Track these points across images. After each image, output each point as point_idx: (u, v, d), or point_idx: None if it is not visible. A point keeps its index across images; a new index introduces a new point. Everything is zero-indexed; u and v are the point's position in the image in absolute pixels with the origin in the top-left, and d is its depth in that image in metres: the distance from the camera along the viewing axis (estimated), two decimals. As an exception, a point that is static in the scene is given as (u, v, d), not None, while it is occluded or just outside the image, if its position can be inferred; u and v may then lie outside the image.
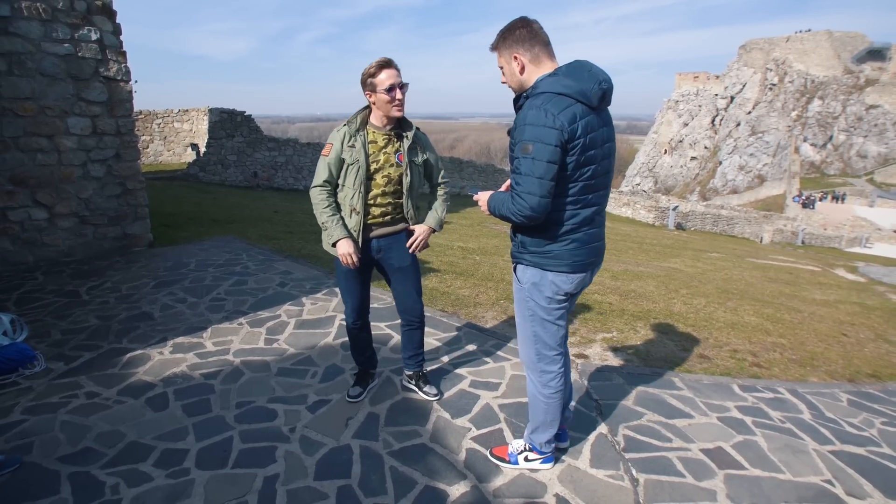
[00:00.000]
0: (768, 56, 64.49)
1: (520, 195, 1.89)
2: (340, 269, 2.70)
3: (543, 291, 2.11)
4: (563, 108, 1.83)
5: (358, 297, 2.80)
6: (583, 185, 1.96)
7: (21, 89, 5.16)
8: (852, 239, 30.13)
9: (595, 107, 1.89)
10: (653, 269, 8.77)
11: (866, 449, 2.79)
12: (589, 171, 1.94)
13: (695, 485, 2.38)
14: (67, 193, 5.61)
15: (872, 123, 52.43)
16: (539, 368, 2.25)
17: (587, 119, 1.87)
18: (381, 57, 2.48)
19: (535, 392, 2.29)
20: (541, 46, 1.94)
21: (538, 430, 2.35)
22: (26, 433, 2.59)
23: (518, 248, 2.15)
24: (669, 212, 25.13)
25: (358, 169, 2.52)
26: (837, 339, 5.05)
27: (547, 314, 2.15)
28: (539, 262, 2.08)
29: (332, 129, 2.60)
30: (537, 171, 1.84)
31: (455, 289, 5.26)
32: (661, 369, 3.62)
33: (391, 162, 2.58)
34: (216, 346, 3.64)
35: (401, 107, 2.51)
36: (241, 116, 18.60)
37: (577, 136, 1.85)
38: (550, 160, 1.83)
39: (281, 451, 2.49)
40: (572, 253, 2.04)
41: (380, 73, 2.43)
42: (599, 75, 1.89)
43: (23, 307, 4.23)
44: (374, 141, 2.56)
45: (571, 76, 1.87)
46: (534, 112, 1.84)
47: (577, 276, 2.10)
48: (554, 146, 1.82)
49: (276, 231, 8.10)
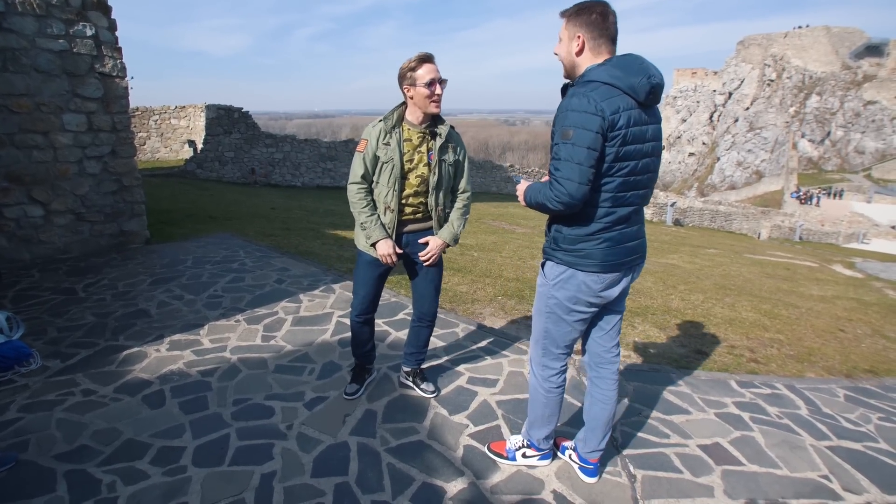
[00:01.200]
0: (766, 52, 64.49)
1: (558, 181, 1.85)
2: (364, 259, 2.71)
3: (570, 290, 2.05)
4: (609, 97, 1.80)
5: (372, 290, 2.79)
6: (621, 182, 1.90)
7: (15, 86, 5.12)
8: (849, 235, 30.20)
9: (642, 101, 1.85)
10: (650, 265, 8.77)
11: (863, 444, 2.80)
12: (628, 167, 1.89)
13: (692, 481, 2.38)
14: (63, 190, 5.58)
15: (870, 119, 52.50)
16: (542, 363, 2.25)
17: (631, 112, 1.83)
18: (420, 51, 2.45)
19: (536, 385, 2.29)
20: (606, 39, 1.89)
21: (535, 425, 2.34)
22: (22, 431, 2.58)
23: (550, 245, 2.10)
24: (667, 208, 25.15)
25: (392, 168, 2.51)
26: (835, 334, 5.06)
27: (566, 314, 2.10)
28: (570, 261, 2.03)
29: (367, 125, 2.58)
30: (577, 157, 1.80)
31: (453, 285, 5.25)
32: (658, 365, 3.62)
33: (424, 161, 2.57)
34: (213, 343, 3.63)
35: (438, 102, 2.49)
36: (239, 113, 18.54)
37: (619, 127, 1.80)
38: (591, 146, 1.79)
39: (278, 448, 2.49)
40: (604, 252, 1.98)
41: (420, 67, 2.40)
42: (650, 70, 1.85)
43: (19, 304, 4.21)
44: (409, 139, 2.54)
45: (621, 67, 1.83)
46: (577, 99, 1.81)
47: (610, 277, 2.02)
48: (595, 133, 1.78)
49: (273, 228, 8.08)
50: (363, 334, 2.94)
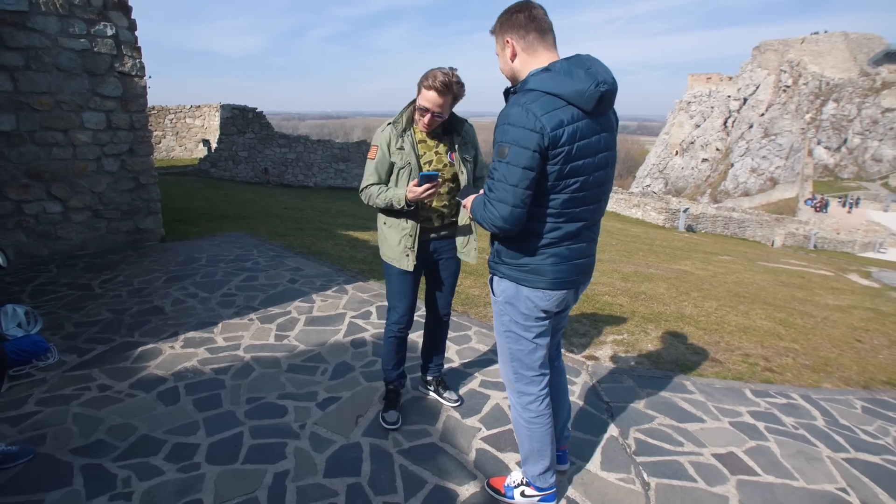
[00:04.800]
0: (783, 58, 63.84)
1: (491, 203, 1.73)
2: (392, 271, 2.57)
3: (518, 307, 1.91)
4: (550, 109, 1.63)
5: (410, 302, 2.66)
6: (568, 198, 1.75)
7: (38, 84, 5.21)
8: (866, 244, 29.76)
9: (590, 111, 1.68)
10: (663, 271, 8.71)
11: (881, 457, 2.75)
12: (576, 183, 1.73)
13: (707, 490, 2.36)
14: (81, 187, 5.66)
15: (888, 127, 51.69)
16: (517, 389, 2.06)
17: (577, 125, 1.66)
18: (446, 77, 2.24)
19: (517, 416, 2.09)
20: (537, 34, 1.73)
21: (529, 461, 2.13)
22: (40, 424, 2.61)
23: (494, 258, 1.96)
24: (680, 213, 24.98)
25: (410, 171, 2.39)
26: (851, 344, 4.98)
27: (524, 331, 1.95)
28: (514, 276, 1.88)
29: (377, 128, 2.48)
30: (511, 178, 1.66)
31: (465, 288, 5.24)
32: (672, 372, 3.59)
33: (444, 161, 2.46)
34: (227, 341, 3.66)
35: (425, 128, 2.40)
36: (253, 113, 18.71)
37: (561, 144, 1.65)
38: (527, 166, 1.64)
39: (291, 447, 2.50)
40: (553, 269, 1.83)
41: (427, 92, 2.26)
42: (599, 75, 1.66)
43: (37, 299, 4.28)
44: (423, 140, 2.45)
45: (566, 74, 1.66)
46: (516, 110, 1.65)
47: (557, 294, 1.87)
48: (532, 151, 1.63)
49: (286, 227, 8.13)
50: (400, 352, 2.78)
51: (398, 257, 2.51)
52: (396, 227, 2.50)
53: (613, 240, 13.86)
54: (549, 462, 2.10)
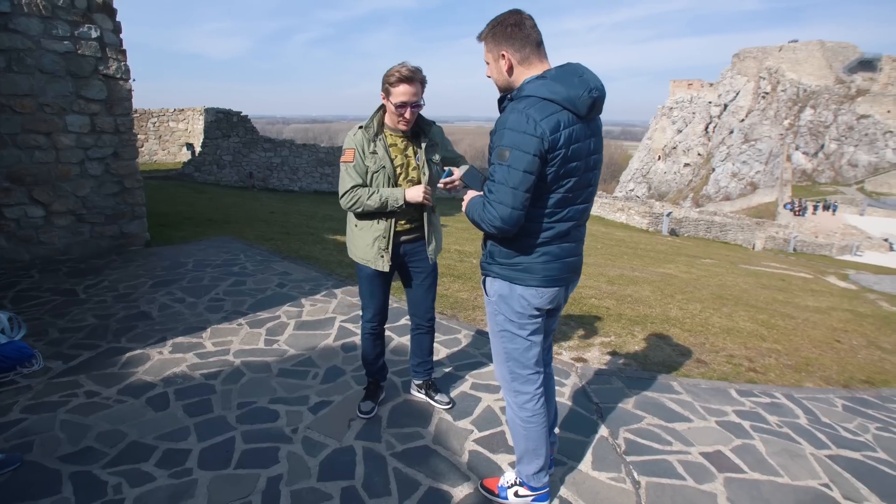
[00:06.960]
0: (761, 65, 65.15)
1: (491, 204, 1.77)
2: (364, 272, 2.63)
3: (512, 306, 1.96)
4: (547, 114, 1.69)
5: (381, 302, 2.73)
6: (560, 198, 1.82)
7: (20, 86, 5.13)
8: (843, 247, 30.41)
9: (583, 116, 1.76)
10: (648, 275, 8.82)
11: (862, 454, 2.83)
12: (569, 184, 1.80)
13: (696, 488, 2.41)
14: (64, 191, 5.58)
15: (863, 133, 53.04)
16: (513, 388, 2.09)
17: (573, 129, 1.73)
18: (407, 66, 2.31)
19: (512, 415, 2.12)
20: (532, 47, 1.80)
21: (523, 461, 2.16)
22: (26, 432, 2.57)
23: (487, 259, 2.01)
24: (663, 218, 25.29)
25: (385, 175, 2.45)
26: (831, 345, 5.10)
27: (518, 329, 2.00)
28: (508, 275, 1.93)
29: (347, 133, 2.50)
30: (512, 181, 1.71)
31: (454, 291, 5.27)
32: (659, 373, 3.65)
33: (413, 165, 2.53)
34: (216, 346, 3.63)
35: (407, 125, 2.44)
36: (238, 117, 18.58)
37: (559, 147, 1.71)
38: (527, 170, 1.70)
39: (283, 451, 2.49)
40: (544, 266, 1.89)
41: (398, 86, 2.31)
42: (591, 82, 1.75)
43: (19, 305, 4.20)
44: (394, 144, 2.49)
45: (560, 81, 1.73)
46: (515, 116, 1.71)
47: (549, 292, 1.94)
48: (533, 155, 1.68)
49: (272, 232, 8.09)
50: (376, 348, 2.85)
51: (373, 259, 2.55)
52: (369, 229, 2.53)
53: (599, 244, 14.00)
54: (544, 462, 2.14)
